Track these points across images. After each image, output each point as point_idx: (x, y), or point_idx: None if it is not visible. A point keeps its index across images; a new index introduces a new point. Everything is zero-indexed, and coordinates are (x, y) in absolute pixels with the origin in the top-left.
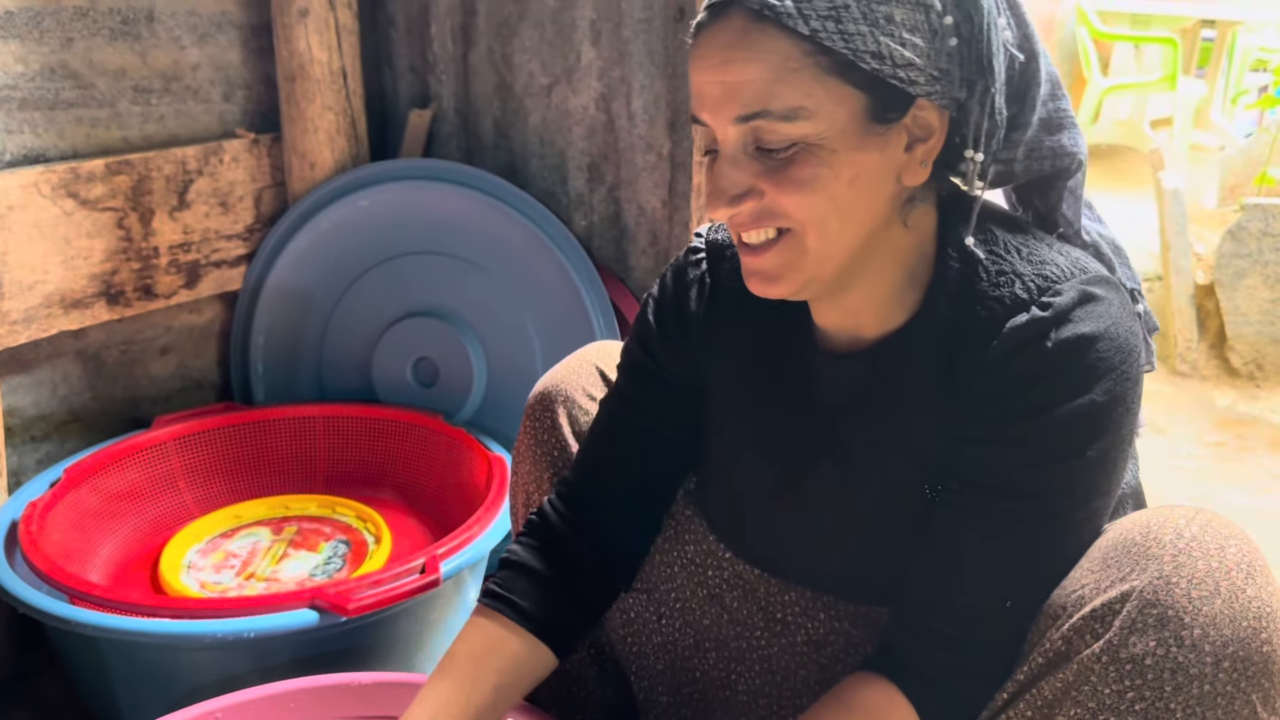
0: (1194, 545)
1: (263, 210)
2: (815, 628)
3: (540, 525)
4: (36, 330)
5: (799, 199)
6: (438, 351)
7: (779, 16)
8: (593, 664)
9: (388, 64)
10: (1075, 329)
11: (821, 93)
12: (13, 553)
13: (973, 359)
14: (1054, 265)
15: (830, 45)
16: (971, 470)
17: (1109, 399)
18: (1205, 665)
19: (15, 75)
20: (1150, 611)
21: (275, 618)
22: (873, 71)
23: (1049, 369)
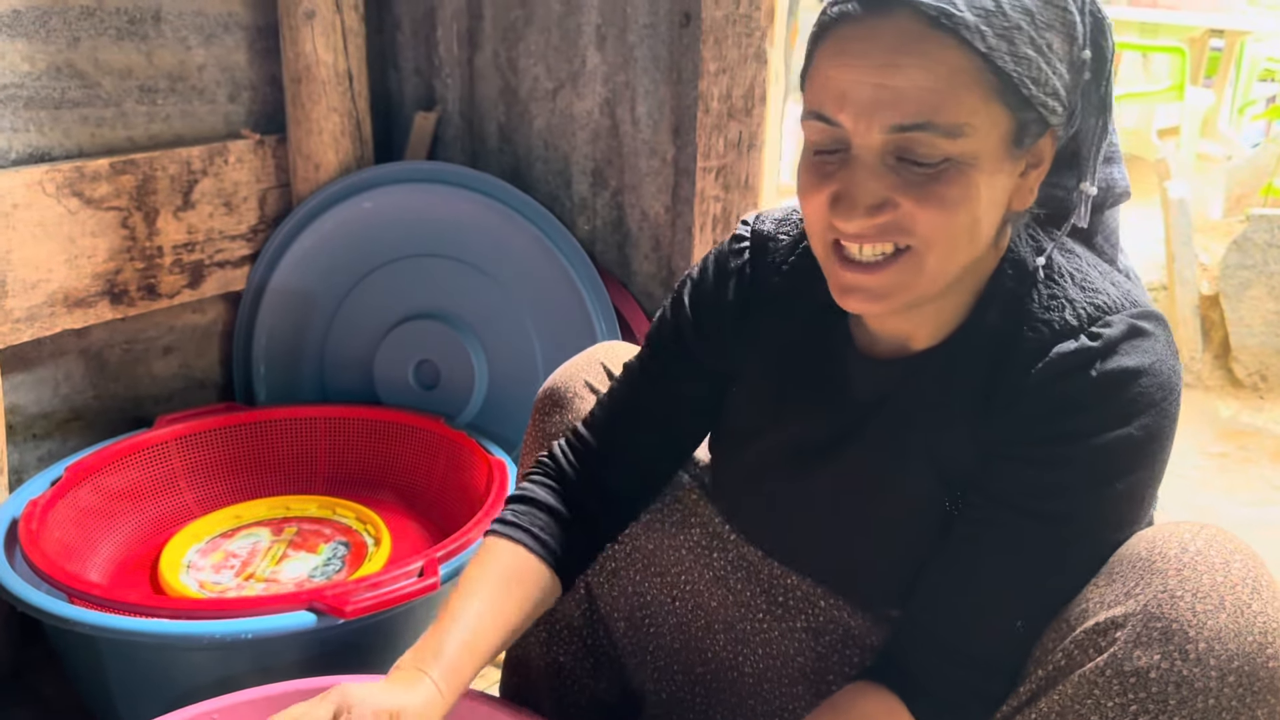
0: (1199, 560)
1: (267, 211)
2: (815, 615)
3: (552, 466)
4: (40, 328)
5: (939, 217)
6: (439, 354)
7: (958, 27)
8: (587, 656)
9: (393, 66)
10: (1121, 362)
11: (984, 112)
12: (13, 551)
13: (1016, 378)
14: (1105, 294)
15: (1002, 65)
16: (999, 487)
17: (1146, 435)
18: (1210, 680)
19: (22, 74)
20: (1155, 625)
21: (273, 619)
22: (1029, 97)
23: (1092, 398)
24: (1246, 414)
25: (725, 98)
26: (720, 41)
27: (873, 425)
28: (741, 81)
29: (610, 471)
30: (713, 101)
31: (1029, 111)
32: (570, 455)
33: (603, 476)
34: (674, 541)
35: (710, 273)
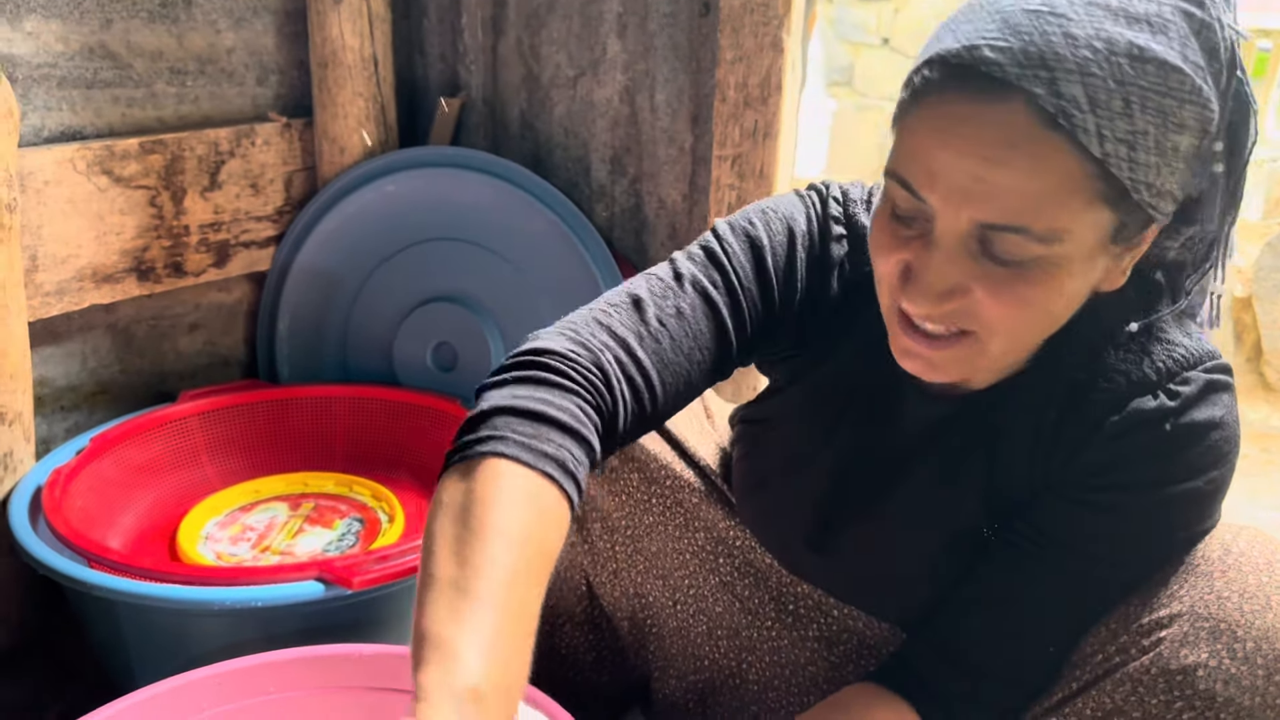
0: (1243, 560)
1: (292, 193)
2: (828, 624)
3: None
4: (68, 303)
5: (1012, 313)
6: (457, 337)
7: (1075, 130)
8: (589, 650)
9: (419, 52)
10: (1195, 416)
11: (1086, 217)
12: (37, 517)
13: (1087, 427)
14: (1182, 348)
15: (1116, 172)
16: (1053, 523)
17: (1209, 489)
18: (1258, 677)
19: (55, 54)
20: (1202, 625)
21: (282, 588)
22: (1139, 201)
23: (1166, 451)
24: (1277, 417)
25: (742, 86)
26: (738, 30)
27: (919, 459)
28: (758, 70)
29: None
30: (729, 90)
31: (1137, 212)
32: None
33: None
34: (677, 545)
35: (819, 248)
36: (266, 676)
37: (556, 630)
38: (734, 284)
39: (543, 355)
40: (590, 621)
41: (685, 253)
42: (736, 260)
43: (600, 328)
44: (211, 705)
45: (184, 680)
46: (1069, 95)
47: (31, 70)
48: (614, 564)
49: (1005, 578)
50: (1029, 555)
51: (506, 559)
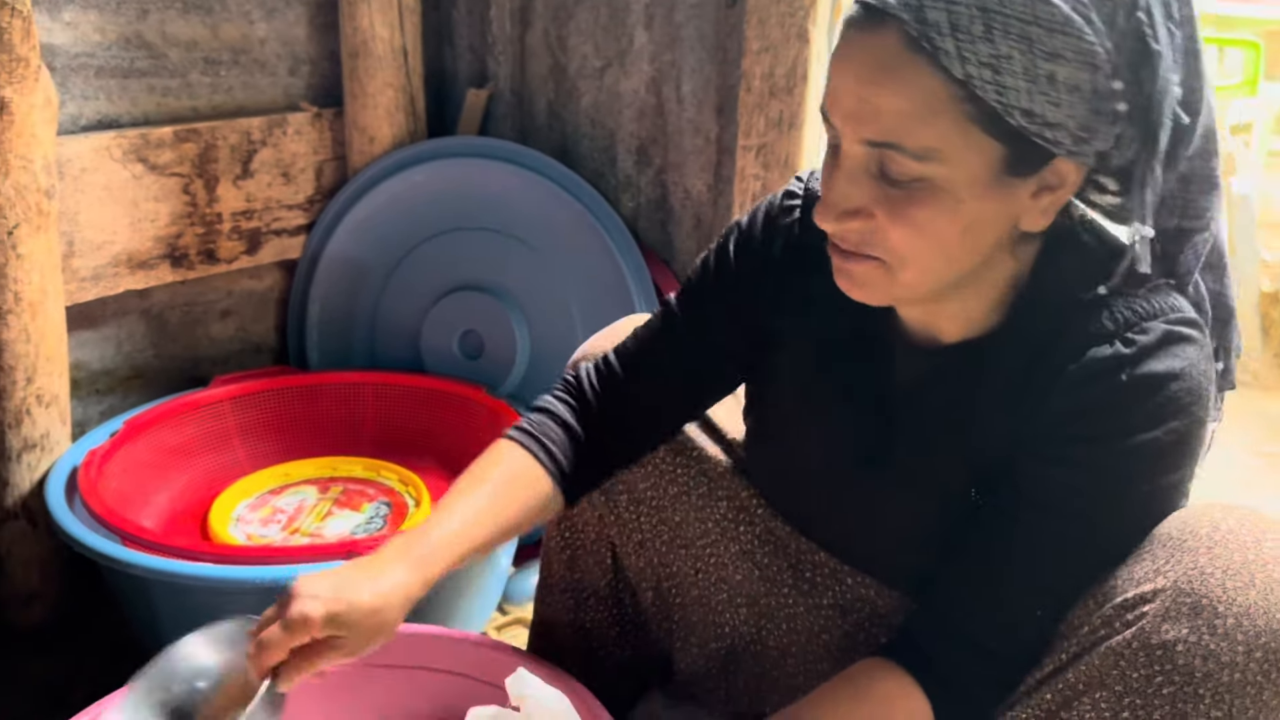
0: (1230, 538)
1: (323, 182)
2: (842, 592)
3: (575, 386)
4: (104, 288)
5: (907, 236)
6: (484, 325)
7: (936, 53)
8: (614, 623)
9: (448, 43)
10: (1153, 366)
11: (960, 139)
12: (72, 498)
13: (1050, 379)
14: (1145, 302)
15: (982, 94)
16: (1026, 484)
17: (1174, 439)
18: (1237, 654)
19: (93, 44)
20: (1184, 600)
21: (312, 567)
22: (1019, 128)
23: (1121, 402)
24: None
25: (768, 76)
26: (764, 20)
27: (906, 419)
28: (784, 60)
29: (629, 404)
30: (755, 80)
31: (1023, 142)
32: (594, 380)
33: (622, 407)
34: (700, 515)
35: (759, 224)
36: None
37: (582, 604)
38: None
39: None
40: (614, 595)
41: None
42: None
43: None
44: None
45: None
46: (932, 20)
47: (69, 60)
48: (639, 534)
49: (986, 544)
50: (1005, 519)
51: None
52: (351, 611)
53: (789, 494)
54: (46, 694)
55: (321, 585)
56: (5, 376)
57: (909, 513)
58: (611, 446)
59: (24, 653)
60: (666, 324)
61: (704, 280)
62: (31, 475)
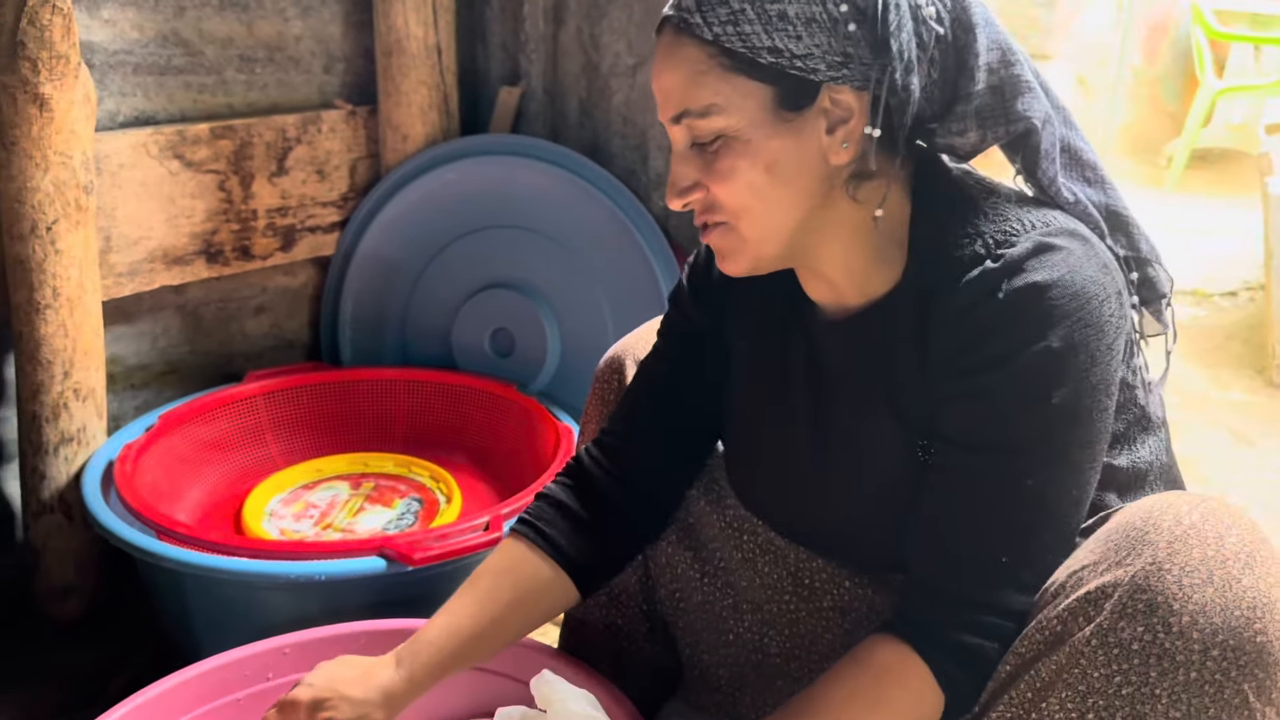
0: (1192, 533)
1: (357, 179)
2: (841, 594)
3: (575, 468)
4: (140, 284)
5: (724, 189)
6: (515, 323)
7: (690, 27)
8: (643, 620)
9: (481, 41)
10: (1027, 277)
11: (729, 89)
12: (108, 491)
13: (938, 318)
14: (1016, 221)
15: (730, 46)
16: (949, 429)
17: (1065, 345)
18: (1193, 653)
19: (131, 41)
20: (1140, 597)
21: (346, 563)
22: (772, 65)
23: (1002, 320)
24: None
25: None
26: None
27: (841, 394)
28: None
29: (637, 469)
30: None
31: (784, 78)
32: (596, 456)
33: (630, 475)
34: (709, 519)
35: (702, 255)
36: (330, 648)
37: (614, 601)
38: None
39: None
40: (645, 592)
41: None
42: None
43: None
44: (277, 675)
45: (250, 650)
46: (685, 5)
47: (108, 57)
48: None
49: (937, 498)
50: (944, 469)
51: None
52: (336, 703)
53: (761, 497)
54: (82, 686)
55: (319, 675)
56: (43, 371)
57: (864, 486)
58: (624, 518)
59: (60, 645)
60: (651, 374)
61: (672, 320)
62: (68, 469)
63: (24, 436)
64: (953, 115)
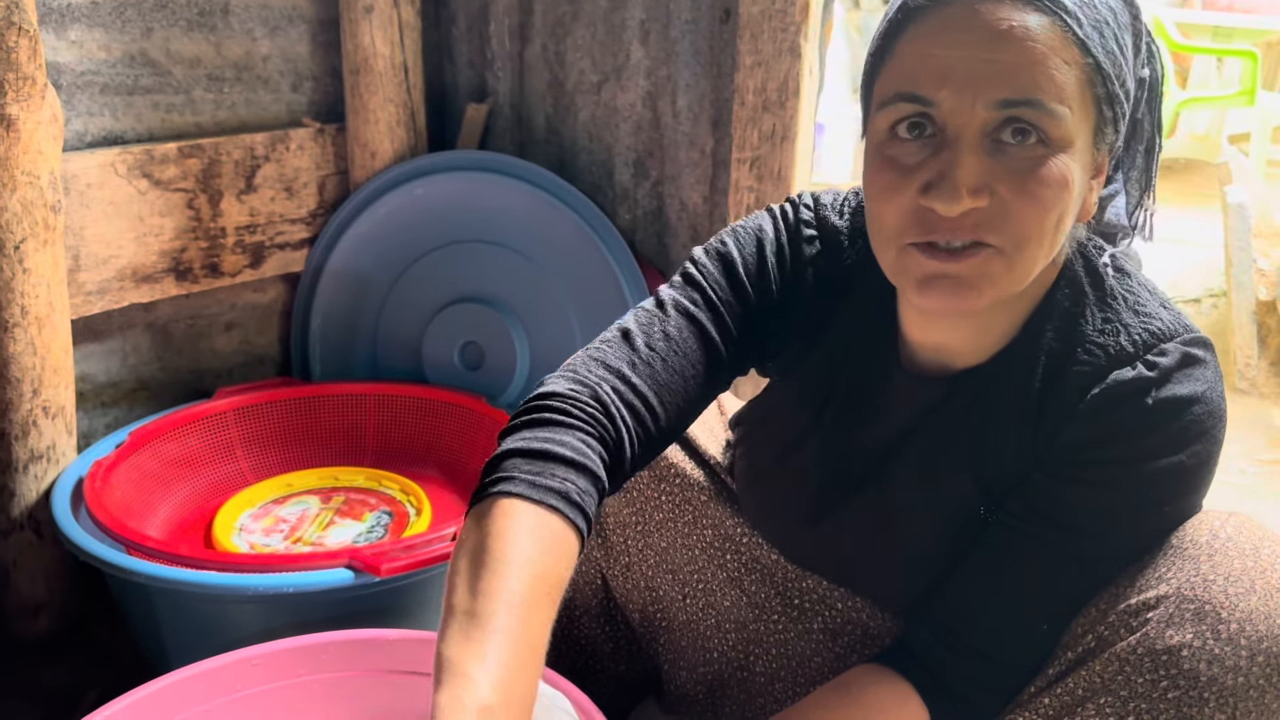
0: (1230, 545)
1: (325, 196)
2: (832, 616)
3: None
4: (109, 301)
5: (1032, 210)
6: (484, 336)
7: (1059, 10)
8: (606, 640)
9: (448, 59)
10: (1176, 390)
11: (1078, 99)
12: (78, 507)
13: (1070, 400)
14: (1159, 320)
15: (1094, 53)
16: (1041, 501)
17: (1196, 462)
18: (1240, 658)
19: (98, 61)
20: (1188, 606)
21: (313, 575)
22: (1112, 93)
23: (1147, 425)
24: None
25: (760, 90)
26: (756, 36)
27: (910, 448)
28: (776, 75)
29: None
30: (748, 94)
31: (1108, 109)
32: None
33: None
34: (686, 541)
35: (788, 251)
36: (298, 660)
37: (574, 621)
38: (713, 299)
39: (547, 399)
40: (606, 614)
41: (668, 283)
42: (711, 278)
43: (595, 364)
44: (245, 687)
45: (219, 662)
46: None
47: (75, 77)
48: (626, 558)
49: (996, 557)
50: (1018, 533)
51: (515, 586)
52: None
53: (781, 528)
54: (55, 702)
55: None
56: (12, 389)
57: (908, 538)
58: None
59: (31, 662)
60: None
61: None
62: (38, 486)
63: None
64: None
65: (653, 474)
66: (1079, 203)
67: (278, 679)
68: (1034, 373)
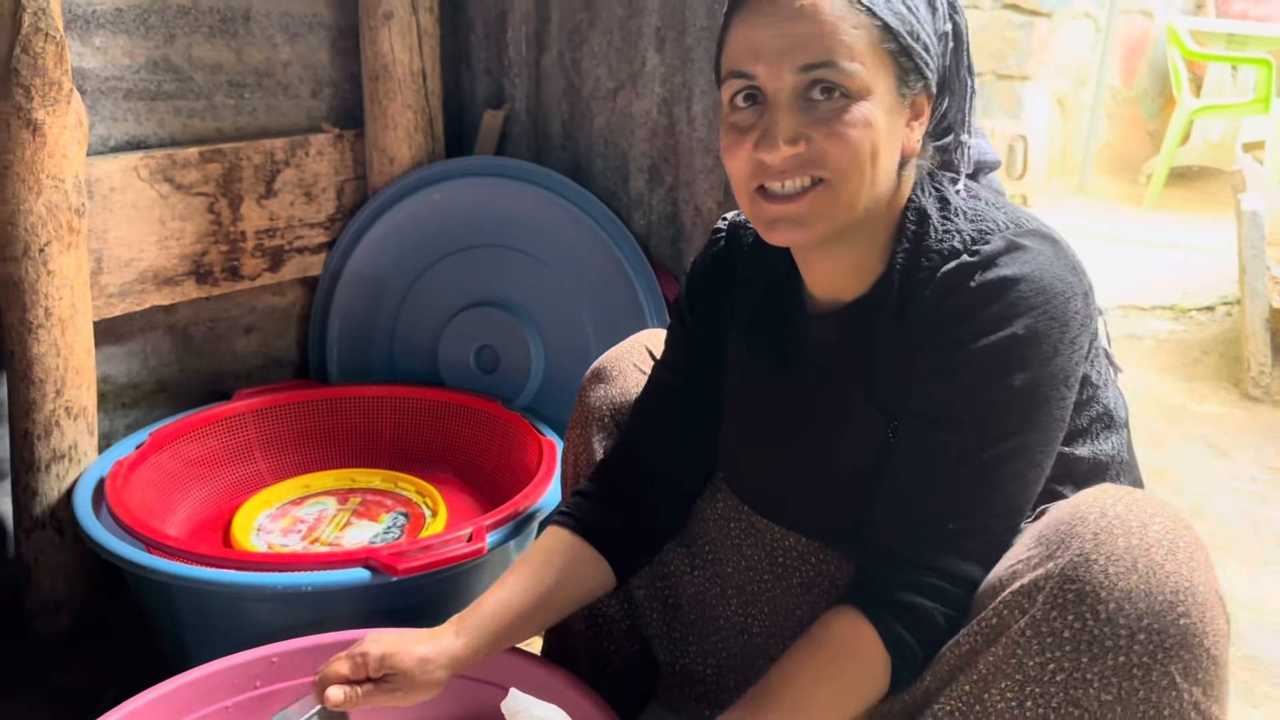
0: (1116, 524)
1: (344, 201)
2: (807, 570)
3: (602, 471)
4: (131, 304)
5: (843, 144)
6: (500, 340)
7: None
8: (625, 618)
9: (466, 66)
10: (998, 271)
11: (872, 55)
12: (99, 506)
13: (915, 307)
14: (992, 220)
15: (881, 15)
16: (914, 404)
17: (1029, 334)
18: (1120, 638)
19: (122, 67)
20: (1070, 588)
21: (331, 574)
22: (906, 46)
23: (972, 307)
24: None
25: None
26: None
27: (827, 385)
28: None
29: (657, 466)
30: None
31: (907, 60)
32: (618, 460)
33: (651, 474)
34: (701, 515)
35: (699, 262)
36: (316, 658)
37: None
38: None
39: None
40: (626, 590)
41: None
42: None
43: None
44: (264, 684)
45: (237, 660)
46: None
47: (99, 83)
48: None
49: (895, 466)
50: (903, 441)
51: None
52: (403, 658)
53: (746, 481)
54: (74, 699)
55: (384, 635)
56: (35, 389)
57: (841, 466)
58: (651, 512)
59: (52, 659)
60: (660, 381)
61: (674, 330)
62: (60, 485)
63: (16, 454)
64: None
65: None
66: (893, 141)
67: (296, 677)
68: (892, 294)
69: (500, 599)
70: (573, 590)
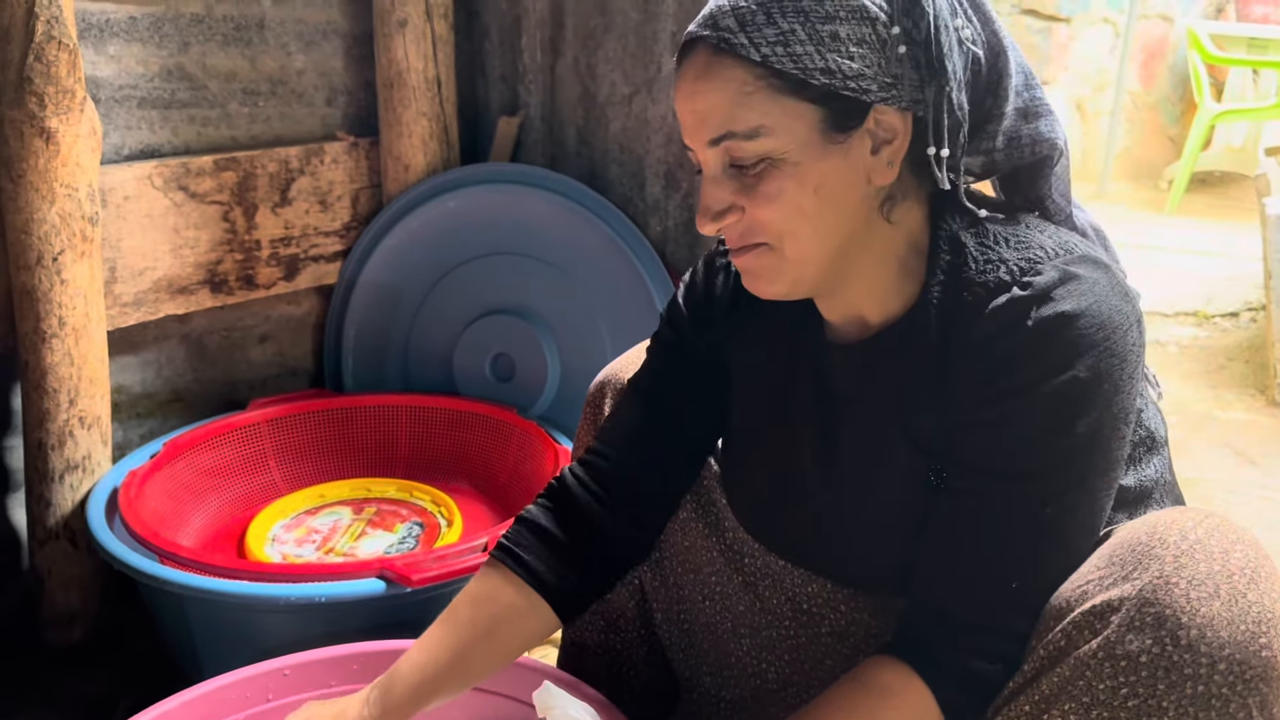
0: (1198, 547)
1: (359, 209)
2: (837, 619)
3: (558, 489)
4: (145, 313)
5: (769, 212)
6: (515, 348)
7: (734, 48)
8: (641, 644)
9: (480, 73)
10: (1055, 307)
11: (778, 111)
12: (113, 517)
13: (961, 344)
14: (1039, 248)
15: (781, 68)
16: (967, 454)
17: (1093, 375)
18: (1200, 666)
19: (136, 76)
20: (1148, 610)
21: (346, 585)
22: (824, 86)
23: (1030, 348)
24: None
25: None
26: None
27: (852, 420)
28: None
29: (622, 489)
30: None
31: (834, 99)
32: (580, 476)
33: (614, 494)
34: (707, 543)
35: (700, 273)
36: (330, 670)
37: (611, 625)
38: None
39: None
40: (643, 617)
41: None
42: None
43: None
44: (277, 696)
45: (251, 672)
46: (724, 26)
47: (114, 91)
48: (658, 553)
49: (950, 523)
50: (962, 493)
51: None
52: None
53: (762, 520)
54: (88, 711)
55: (299, 713)
56: (49, 399)
57: (873, 510)
58: (608, 539)
59: (65, 671)
60: (639, 391)
61: (662, 338)
62: (74, 496)
63: (30, 464)
64: (984, 134)
65: None
66: (841, 182)
67: (310, 689)
68: (929, 327)
69: (417, 663)
70: (507, 642)
